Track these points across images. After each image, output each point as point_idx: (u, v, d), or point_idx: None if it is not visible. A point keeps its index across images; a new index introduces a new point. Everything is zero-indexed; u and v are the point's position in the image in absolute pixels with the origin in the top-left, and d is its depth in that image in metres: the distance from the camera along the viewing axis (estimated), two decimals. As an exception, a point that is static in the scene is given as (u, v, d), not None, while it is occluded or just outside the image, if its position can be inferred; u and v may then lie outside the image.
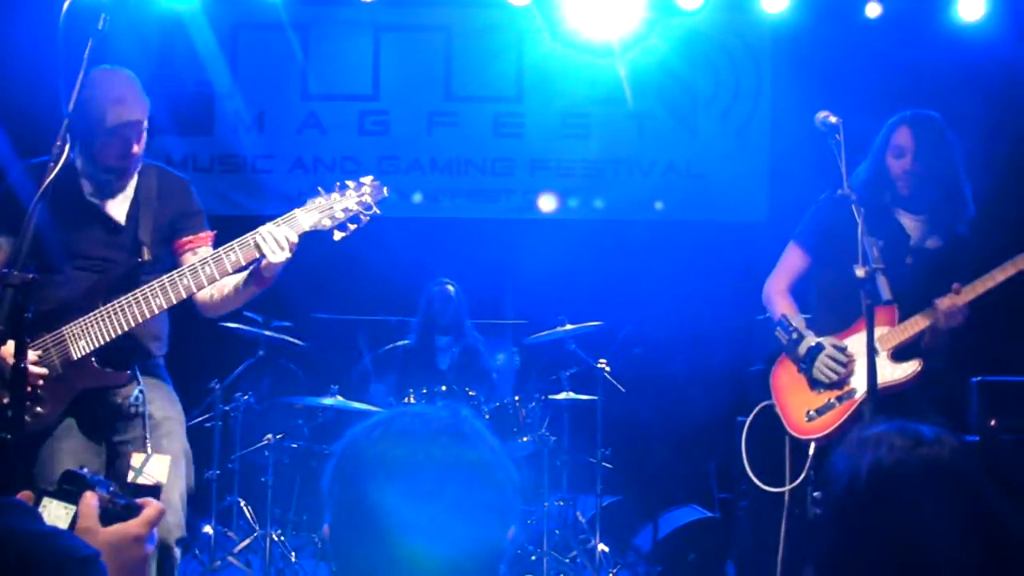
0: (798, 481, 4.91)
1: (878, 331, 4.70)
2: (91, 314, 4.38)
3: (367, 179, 4.65)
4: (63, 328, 4.37)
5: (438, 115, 9.44)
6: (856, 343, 4.78)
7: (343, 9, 9.25)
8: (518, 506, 2.01)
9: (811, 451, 4.80)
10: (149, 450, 4.44)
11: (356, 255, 6.54)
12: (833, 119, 4.49)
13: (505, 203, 9.45)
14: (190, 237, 4.72)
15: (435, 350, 8.05)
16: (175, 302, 4.42)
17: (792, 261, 5.23)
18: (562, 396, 7.31)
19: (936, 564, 1.96)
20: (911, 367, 4.75)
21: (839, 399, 4.81)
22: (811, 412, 4.85)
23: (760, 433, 6.62)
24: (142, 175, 4.66)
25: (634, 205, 9.45)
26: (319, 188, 4.55)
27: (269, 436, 7.08)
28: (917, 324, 4.78)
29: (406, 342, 8.14)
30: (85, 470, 2.21)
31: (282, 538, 7.01)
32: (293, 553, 7.04)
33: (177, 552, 4.54)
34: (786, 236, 5.31)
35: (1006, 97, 8.27)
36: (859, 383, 4.75)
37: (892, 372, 4.75)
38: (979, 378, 6.85)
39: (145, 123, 4.55)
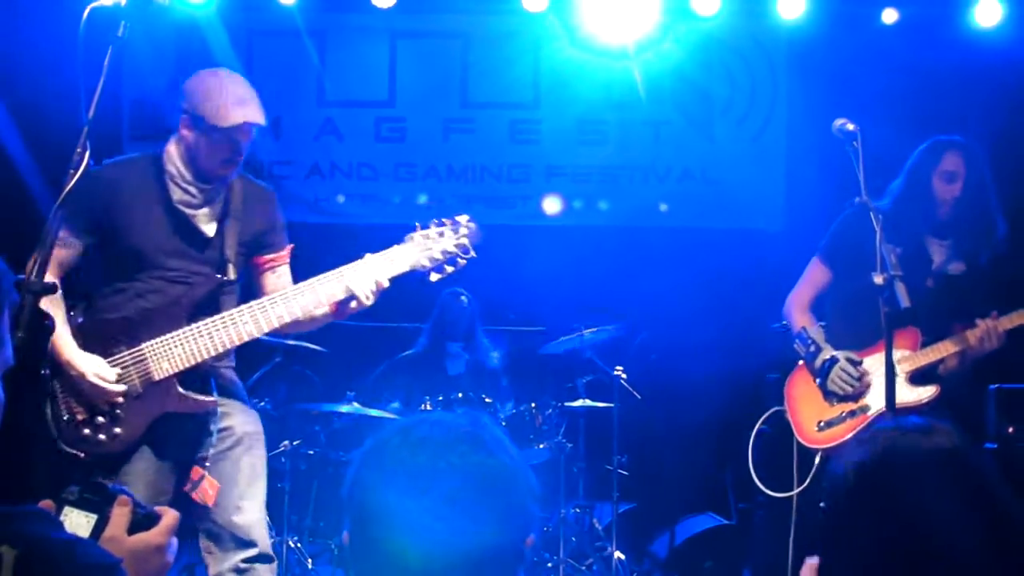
0: (803, 487, 4.93)
1: (898, 353, 4.72)
2: (175, 333, 4.24)
3: (463, 218, 4.59)
4: (143, 345, 4.23)
5: (454, 122, 9.44)
6: (874, 362, 4.79)
7: (359, 16, 9.25)
8: (537, 514, 2.01)
9: (817, 460, 4.82)
10: (207, 468, 4.34)
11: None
12: (851, 126, 4.48)
13: (521, 209, 9.45)
14: (272, 256, 4.63)
15: (445, 356, 8.04)
16: (265, 331, 4.34)
17: (815, 276, 5.26)
18: (578, 403, 7.31)
19: (935, 550, 1.96)
20: (928, 392, 4.77)
21: (851, 413, 4.83)
22: (822, 423, 4.87)
23: (772, 439, 6.64)
24: (231, 184, 4.53)
25: (650, 212, 9.44)
26: (416, 224, 4.53)
27: (286, 443, 7.09)
28: (944, 349, 4.79)
29: (413, 350, 8.13)
30: (106, 479, 2.22)
31: (299, 545, 7.02)
32: (310, 560, 7.05)
33: (275, 564, 4.50)
34: (803, 243, 5.33)
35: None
36: (873, 400, 4.77)
37: (908, 394, 4.77)
38: (996, 386, 6.82)
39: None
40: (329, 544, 7.26)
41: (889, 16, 8.60)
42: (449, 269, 4.56)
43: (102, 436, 4.18)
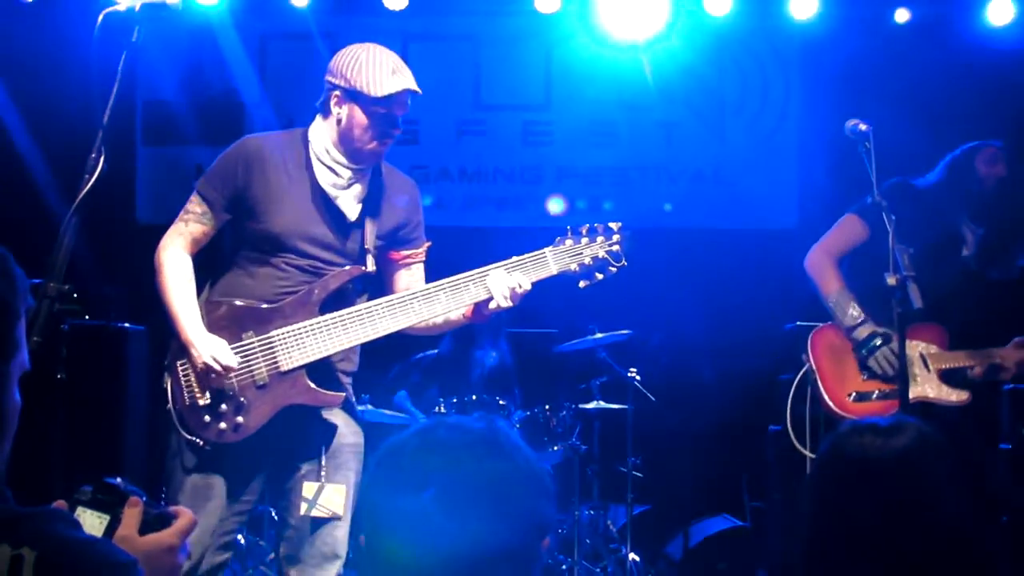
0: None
1: (927, 347, 4.74)
2: (307, 323, 4.12)
3: (616, 225, 4.54)
4: (273, 332, 4.12)
5: (467, 124, 9.45)
6: (912, 351, 4.79)
7: (372, 18, 9.26)
8: (553, 516, 2.02)
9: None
10: (323, 479, 4.20)
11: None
12: (863, 127, 4.49)
13: (534, 211, 9.45)
14: (410, 251, 4.53)
15: (470, 362, 8.03)
16: (403, 327, 4.23)
17: (850, 232, 5.20)
18: (592, 405, 7.31)
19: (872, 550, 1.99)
20: (963, 396, 4.79)
21: (884, 395, 4.83)
22: (854, 394, 4.85)
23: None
24: (375, 171, 4.41)
25: (662, 212, 9.43)
26: (568, 227, 4.46)
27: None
28: (976, 358, 4.80)
29: (434, 351, 8.14)
30: (119, 480, 2.22)
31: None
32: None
33: None
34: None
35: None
36: (909, 388, 4.75)
37: (945, 393, 4.79)
38: (1011, 386, 6.80)
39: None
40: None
41: (901, 16, 8.58)
42: (599, 276, 4.49)
43: (223, 424, 4.07)
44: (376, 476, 1.99)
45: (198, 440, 4.07)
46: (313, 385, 4.16)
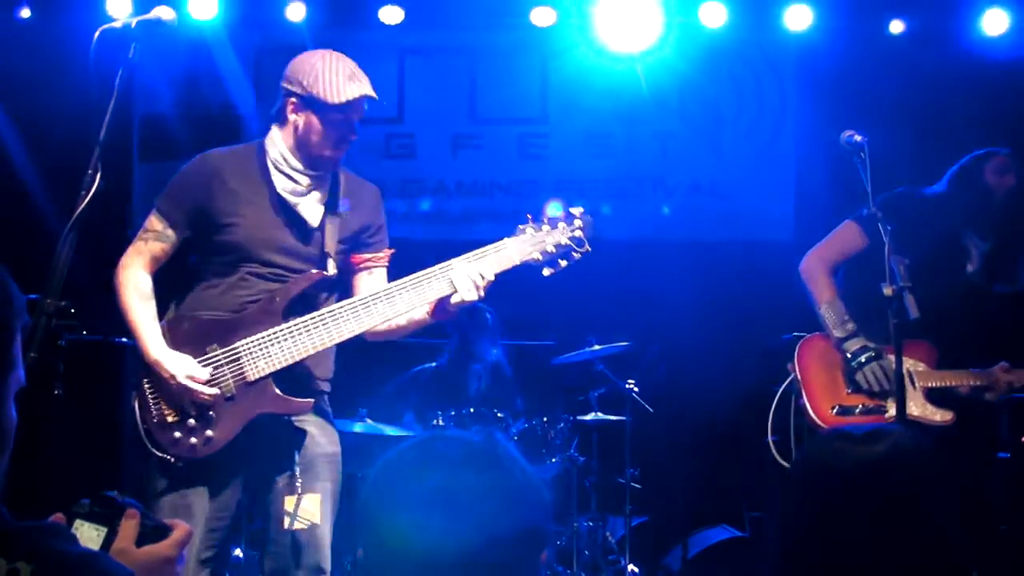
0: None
1: (915, 364, 4.74)
2: (271, 331, 4.09)
3: (577, 211, 4.56)
4: (237, 343, 4.08)
5: (463, 137, 9.45)
6: (893, 363, 4.78)
7: (368, 32, 9.26)
8: (551, 529, 2.02)
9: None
10: (299, 490, 4.18)
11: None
12: (858, 138, 4.49)
13: (529, 224, 9.44)
14: (371, 255, 4.51)
15: (467, 376, 8.04)
16: (367, 329, 4.20)
17: (847, 240, 5.18)
18: (590, 417, 7.31)
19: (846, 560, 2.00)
20: (946, 416, 4.78)
21: (867, 410, 4.82)
22: (837, 407, 4.85)
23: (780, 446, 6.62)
24: (333, 177, 4.41)
25: (659, 224, 9.43)
26: (528, 216, 4.48)
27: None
28: (967, 379, 4.79)
29: (432, 364, 8.14)
30: (115, 492, 2.22)
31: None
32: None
33: None
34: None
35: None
36: (891, 406, 4.75)
37: (927, 412, 4.78)
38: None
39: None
40: (343, 561, 7.25)
41: (896, 27, 8.60)
42: (563, 263, 4.46)
43: (194, 440, 4.04)
44: (373, 490, 1.99)
45: (170, 458, 4.05)
46: (281, 393, 4.12)
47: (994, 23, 8.29)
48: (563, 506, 7.12)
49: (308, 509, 4.19)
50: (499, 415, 7.20)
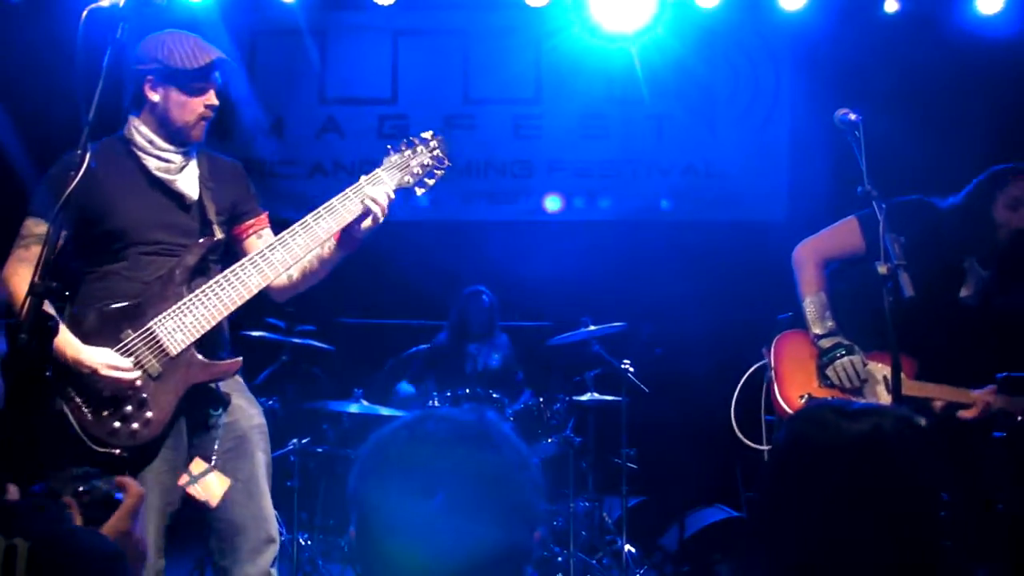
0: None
1: (888, 371, 4.72)
2: (180, 303, 4.11)
3: (428, 134, 4.65)
4: (150, 323, 4.08)
5: (457, 118, 9.44)
6: (875, 372, 4.79)
7: (361, 14, 9.25)
8: (544, 508, 2.01)
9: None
10: (214, 462, 4.18)
11: (379, 259, 6.54)
12: (853, 116, 4.48)
13: (524, 205, 9.45)
14: (252, 220, 4.53)
15: (465, 356, 8.06)
16: (272, 279, 4.23)
17: (845, 236, 5.14)
18: (586, 397, 7.31)
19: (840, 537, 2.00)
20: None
21: None
22: (805, 396, 4.85)
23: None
24: (197, 157, 4.43)
25: (653, 206, 9.44)
26: (388, 147, 4.55)
27: (294, 441, 7.08)
28: (939, 392, 4.78)
29: (427, 345, 8.16)
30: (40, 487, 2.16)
31: (308, 543, 7.02)
32: (320, 557, 7.06)
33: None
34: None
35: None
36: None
37: None
38: (1004, 374, 6.80)
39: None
40: (339, 542, 7.26)
41: (891, 5, 8.58)
42: (430, 182, 4.56)
43: (135, 425, 4.03)
44: (364, 469, 1.98)
45: (114, 450, 4.03)
46: (207, 360, 4.17)
47: (989, 1, 8.27)
48: (560, 487, 7.12)
49: (211, 485, 4.16)
50: (495, 396, 7.20)
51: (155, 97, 4.29)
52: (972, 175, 5.09)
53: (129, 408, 4.03)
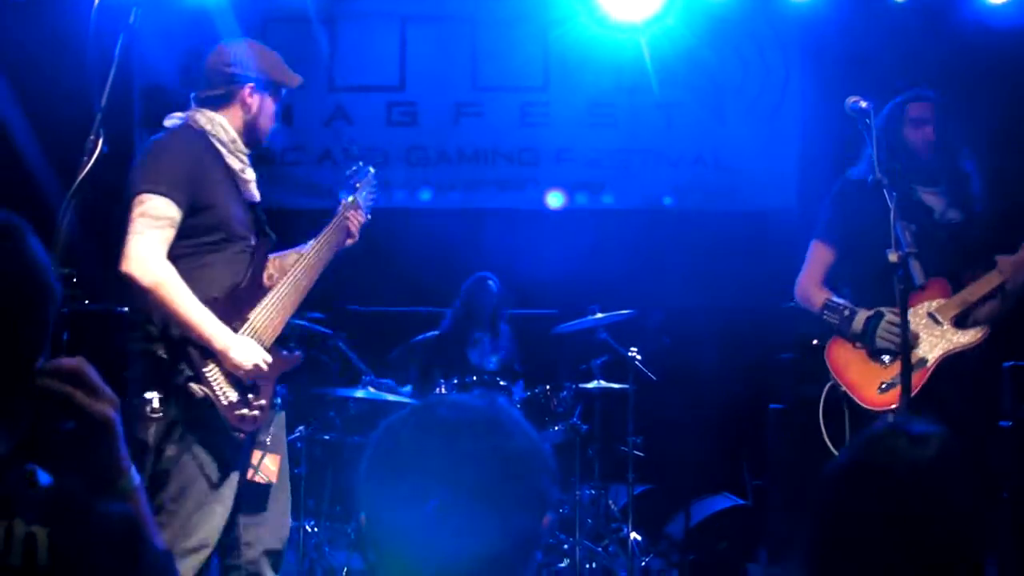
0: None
1: (935, 303, 4.74)
2: (266, 299, 4.38)
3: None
4: (250, 316, 4.31)
5: (465, 105, 9.43)
6: (914, 316, 4.76)
7: (369, 1, 9.26)
8: (554, 494, 2.01)
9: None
10: (269, 444, 4.43)
11: (386, 246, 6.55)
12: (863, 104, 4.47)
13: (532, 193, 9.45)
14: None
15: (469, 343, 8.06)
16: (311, 284, 4.61)
17: (819, 257, 5.23)
18: (593, 385, 7.31)
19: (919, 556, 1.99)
20: (979, 332, 4.76)
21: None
22: (884, 384, 4.82)
23: (789, 416, 6.59)
24: None
25: (662, 194, 9.43)
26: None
27: (301, 428, 7.09)
28: (985, 284, 4.76)
29: (435, 332, 8.15)
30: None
31: (315, 529, 7.03)
32: (326, 544, 7.07)
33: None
34: (816, 224, 5.30)
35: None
36: (926, 351, 4.74)
37: (961, 337, 4.76)
38: (1011, 363, 6.80)
39: None
40: (345, 529, 7.27)
41: (900, -6, 8.58)
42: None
43: (256, 412, 4.23)
44: (375, 456, 1.98)
45: (240, 435, 4.20)
46: (283, 352, 4.46)
47: (998, -10, 8.26)
48: (566, 474, 7.12)
49: (268, 467, 4.42)
50: (502, 383, 7.20)
51: (252, 103, 4.51)
52: (979, 163, 5.13)
53: (250, 396, 4.23)
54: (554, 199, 9.43)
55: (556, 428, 7.10)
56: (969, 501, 2.03)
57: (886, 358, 4.84)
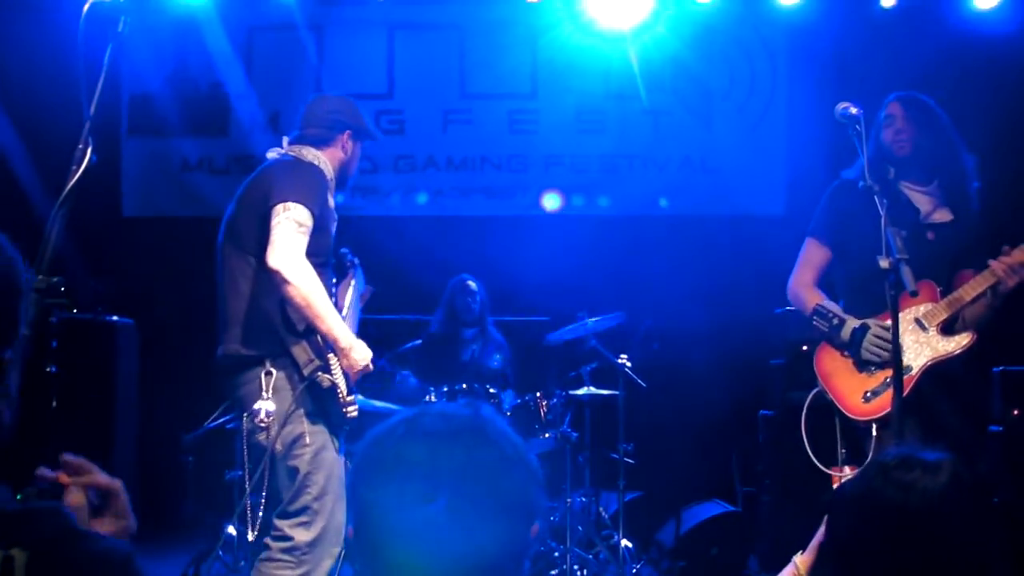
0: (867, 462, 4.87)
1: (923, 308, 4.73)
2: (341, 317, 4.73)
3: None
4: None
5: (453, 113, 9.45)
6: (903, 322, 4.74)
7: (357, 8, 9.26)
8: (542, 503, 2.00)
9: (874, 432, 4.74)
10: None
11: (375, 254, 6.54)
12: (853, 110, 4.47)
13: (521, 200, 9.46)
14: None
15: (459, 342, 8.06)
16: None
17: (812, 256, 5.20)
18: (583, 392, 7.30)
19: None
20: (965, 338, 4.73)
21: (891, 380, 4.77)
22: (868, 393, 4.80)
23: (779, 421, 6.58)
24: None
25: (650, 201, 9.44)
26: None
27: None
28: (975, 286, 4.74)
29: (421, 340, 8.15)
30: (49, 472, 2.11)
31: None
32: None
33: None
34: (805, 229, 5.30)
35: (1022, 83, 8.25)
36: (910, 359, 4.72)
37: (947, 345, 4.74)
38: (1001, 368, 6.82)
39: None
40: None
41: (887, 0, 8.59)
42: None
43: (355, 409, 4.66)
44: (361, 467, 1.96)
45: (346, 427, 4.66)
46: None
47: (985, -3, 8.29)
48: (556, 482, 7.11)
49: None
50: (491, 390, 7.19)
51: (349, 147, 5.00)
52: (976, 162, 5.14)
53: (352, 395, 4.68)
54: (550, 201, 9.44)
55: (546, 435, 7.09)
56: (982, 527, 2.04)
57: (872, 368, 4.83)
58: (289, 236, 4.41)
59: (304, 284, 4.40)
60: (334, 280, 4.88)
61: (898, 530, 2.04)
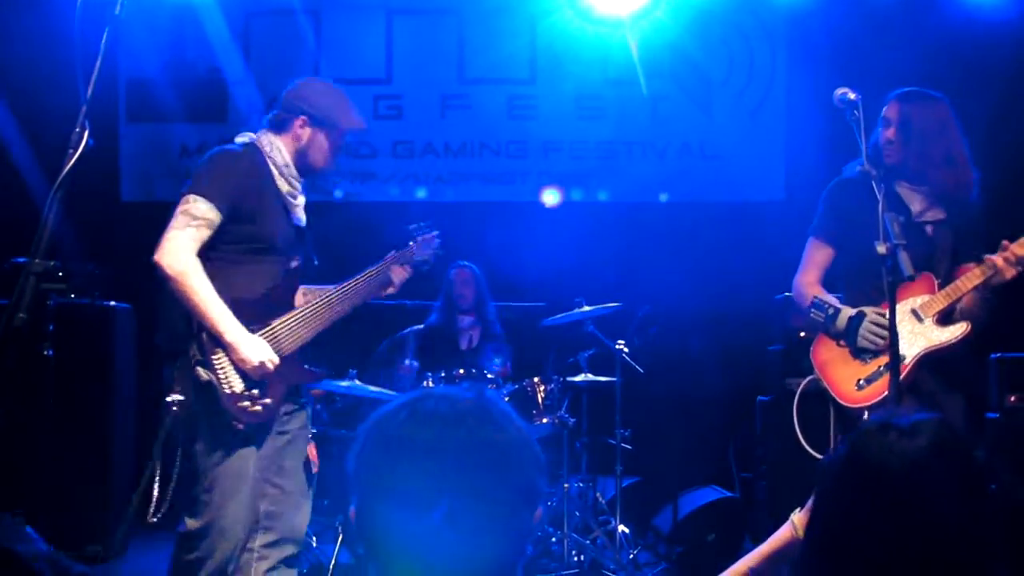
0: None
1: (920, 299, 4.72)
2: (294, 312, 4.66)
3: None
4: (273, 323, 4.57)
5: (452, 98, 9.43)
6: (900, 313, 4.74)
7: (355, -7, 9.26)
8: (544, 487, 1.99)
9: (866, 418, 4.74)
10: (310, 441, 4.82)
11: (374, 239, 6.53)
12: (852, 95, 4.45)
13: (520, 185, 9.45)
14: None
15: (457, 330, 8.06)
16: (350, 310, 4.95)
17: (816, 255, 5.18)
18: (581, 377, 7.30)
19: (933, 547, 1.99)
20: (960, 328, 4.73)
21: (888, 366, 4.77)
22: (861, 381, 4.80)
23: (774, 407, 6.57)
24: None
25: (649, 186, 9.43)
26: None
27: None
28: (972, 279, 4.74)
29: (421, 326, 8.15)
30: (21, 547, 2.07)
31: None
32: (314, 538, 7.05)
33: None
34: (803, 215, 5.28)
35: (1022, 74, 8.24)
36: (904, 348, 4.71)
37: (941, 335, 4.73)
38: (998, 355, 6.82)
39: None
40: (332, 522, 7.25)
41: (887, -13, 8.58)
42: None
43: (258, 407, 4.46)
44: (365, 448, 1.96)
45: (239, 424, 4.44)
46: (306, 366, 4.74)
47: (985, -17, 8.28)
48: (554, 467, 7.12)
49: (313, 455, 4.89)
50: (489, 375, 7.20)
51: (303, 134, 4.75)
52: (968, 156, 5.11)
53: (255, 391, 4.48)
54: (550, 196, 9.43)
55: (544, 421, 7.08)
56: (969, 488, 2.04)
57: (867, 356, 4.83)
58: (175, 232, 4.40)
59: (183, 279, 4.35)
60: (293, 265, 4.76)
61: (878, 493, 2.04)
